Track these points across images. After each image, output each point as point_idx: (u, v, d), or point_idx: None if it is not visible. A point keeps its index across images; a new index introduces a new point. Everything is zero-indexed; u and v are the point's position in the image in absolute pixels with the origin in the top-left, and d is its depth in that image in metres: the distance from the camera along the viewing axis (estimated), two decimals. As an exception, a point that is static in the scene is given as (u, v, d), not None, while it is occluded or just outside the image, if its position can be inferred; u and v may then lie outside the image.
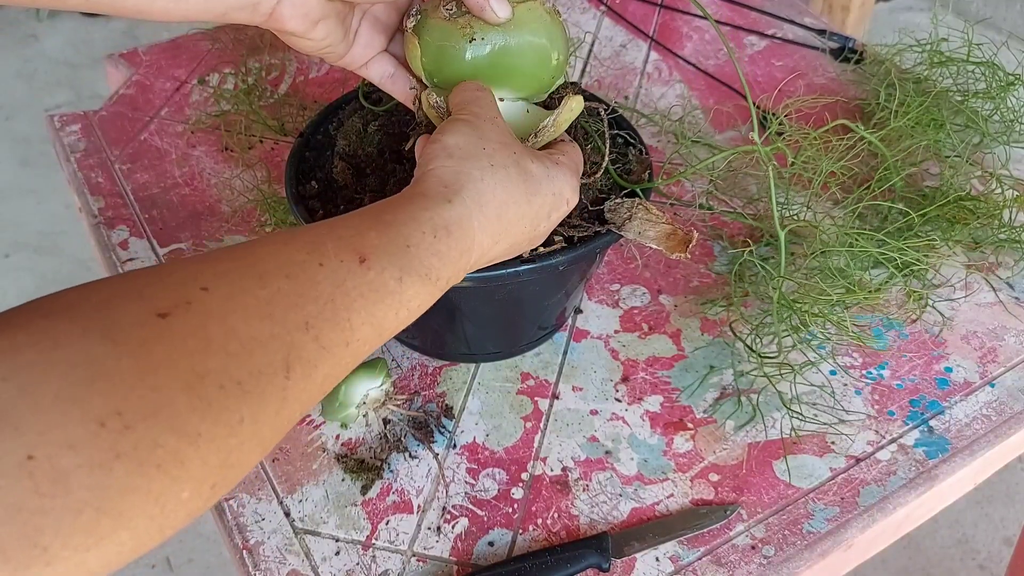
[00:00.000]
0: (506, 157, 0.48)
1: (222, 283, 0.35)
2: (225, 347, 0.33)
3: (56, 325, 0.30)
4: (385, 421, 0.65)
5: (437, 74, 0.55)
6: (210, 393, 0.32)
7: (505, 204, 0.47)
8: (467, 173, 0.46)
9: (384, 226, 0.42)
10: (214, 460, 0.32)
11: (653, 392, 0.68)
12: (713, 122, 0.92)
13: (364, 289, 0.39)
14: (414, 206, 0.44)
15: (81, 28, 2.61)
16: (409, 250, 0.41)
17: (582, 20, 1.07)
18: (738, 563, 0.58)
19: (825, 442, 0.65)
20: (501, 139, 0.49)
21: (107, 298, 0.32)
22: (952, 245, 0.79)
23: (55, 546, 0.28)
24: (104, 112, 0.93)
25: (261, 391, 0.34)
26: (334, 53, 0.56)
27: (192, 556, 1.45)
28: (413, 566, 0.58)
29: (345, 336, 0.38)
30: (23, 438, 0.28)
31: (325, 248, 0.38)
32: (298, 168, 0.66)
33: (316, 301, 0.37)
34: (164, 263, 0.38)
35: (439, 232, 0.43)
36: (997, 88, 0.82)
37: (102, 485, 0.29)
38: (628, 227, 0.60)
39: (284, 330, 0.35)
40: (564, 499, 0.62)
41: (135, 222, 0.81)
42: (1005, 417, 0.67)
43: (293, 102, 0.93)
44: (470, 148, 0.47)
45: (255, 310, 0.35)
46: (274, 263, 0.37)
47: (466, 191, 0.45)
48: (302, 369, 0.35)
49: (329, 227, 0.41)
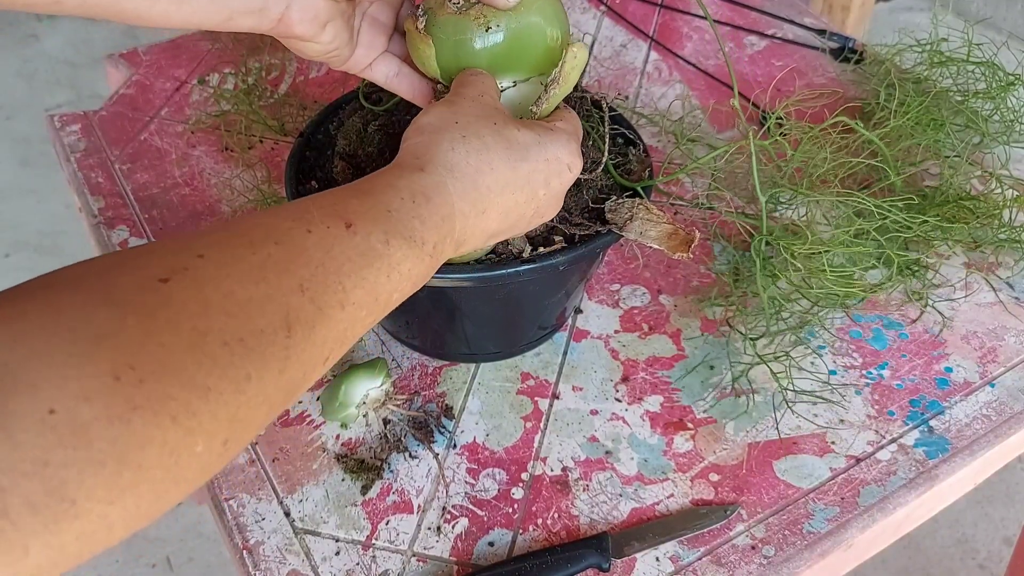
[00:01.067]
0: (481, 127, 0.49)
1: (215, 251, 0.36)
2: (225, 308, 0.34)
3: (59, 294, 0.31)
4: (385, 421, 0.65)
5: (454, 68, 0.55)
6: (215, 350, 0.33)
7: (480, 171, 0.48)
8: (436, 144, 0.48)
9: (364, 195, 0.43)
10: (223, 414, 0.33)
11: (653, 392, 0.68)
12: (713, 122, 0.92)
13: (352, 253, 0.40)
14: (390, 175, 0.46)
15: (81, 28, 2.61)
16: (391, 214, 0.43)
17: (582, 20, 1.07)
18: (738, 563, 0.58)
19: (825, 442, 0.65)
20: (479, 112, 0.50)
21: (107, 267, 0.33)
22: (952, 245, 0.79)
23: (81, 498, 0.28)
24: (104, 112, 0.93)
25: (263, 349, 0.35)
26: (339, 56, 0.56)
27: (192, 556, 1.45)
28: (413, 566, 0.58)
29: (339, 298, 0.39)
30: (42, 393, 0.28)
31: (311, 216, 0.40)
32: (298, 168, 0.66)
33: (307, 265, 0.38)
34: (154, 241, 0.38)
35: (417, 197, 0.44)
36: (997, 88, 0.82)
37: (122, 437, 0.29)
38: (629, 227, 0.60)
39: (279, 292, 0.36)
40: (564, 499, 0.62)
41: (135, 222, 0.81)
42: (1005, 417, 0.67)
43: (293, 102, 0.93)
44: (441, 123, 0.49)
45: (249, 274, 0.36)
46: (263, 232, 0.38)
47: (437, 160, 0.47)
48: (302, 330, 0.36)
49: (312, 199, 0.42)
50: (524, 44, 0.55)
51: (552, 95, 0.55)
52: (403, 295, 0.44)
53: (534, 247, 0.59)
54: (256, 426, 0.35)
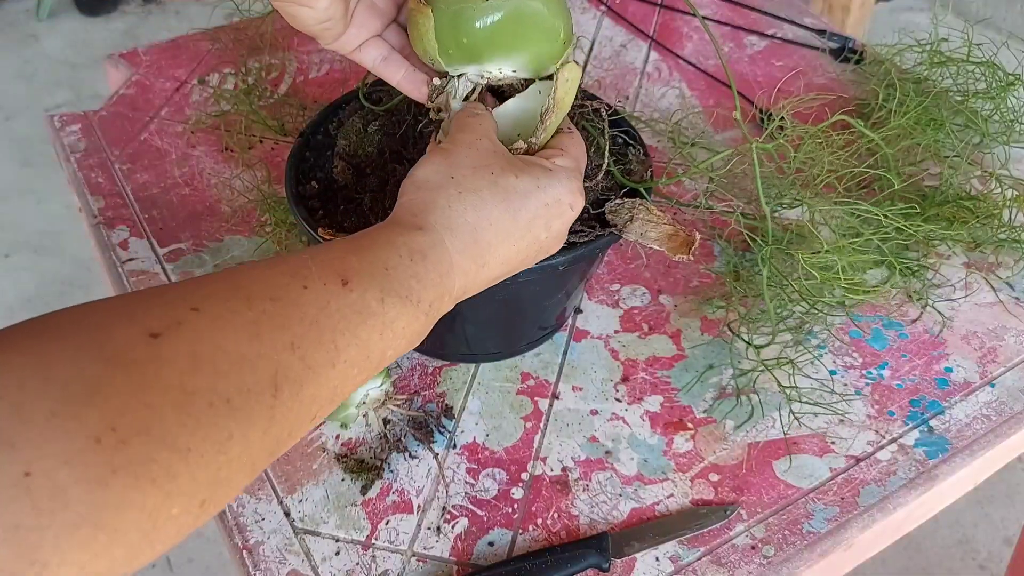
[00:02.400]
0: (478, 180, 0.49)
1: (211, 304, 0.35)
2: (214, 366, 0.34)
3: (48, 345, 0.31)
4: (385, 421, 0.65)
5: (452, 44, 0.55)
6: (200, 410, 0.32)
7: (478, 227, 0.48)
8: (433, 202, 0.47)
9: (363, 251, 0.43)
10: (203, 476, 0.32)
11: (653, 392, 0.68)
12: (712, 123, 0.92)
13: (347, 311, 0.40)
14: (389, 232, 0.45)
15: (81, 28, 2.61)
16: (388, 272, 0.42)
17: (582, 20, 1.07)
18: (738, 563, 0.58)
19: (825, 442, 0.65)
20: (476, 163, 0.49)
21: (100, 320, 0.33)
22: (952, 245, 0.79)
23: (53, 562, 0.28)
24: (104, 112, 0.93)
25: (249, 409, 0.34)
26: (331, 32, 0.56)
27: (192, 556, 1.46)
28: (413, 566, 0.58)
29: (331, 356, 0.39)
30: (19, 454, 0.28)
31: (308, 272, 0.40)
32: (298, 168, 0.66)
33: (301, 322, 0.38)
34: (155, 286, 0.38)
35: (415, 256, 0.44)
36: (997, 88, 0.82)
37: (100, 500, 0.29)
38: (630, 228, 0.60)
39: (271, 350, 0.36)
40: (564, 499, 0.62)
41: (135, 222, 0.81)
42: (1005, 417, 0.67)
43: (293, 102, 0.93)
44: (438, 179, 0.48)
45: (243, 330, 0.35)
46: (260, 286, 0.38)
47: (433, 218, 0.47)
48: (289, 389, 0.36)
49: (311, 254, 0.42)
50: (524, 26, 0.54)
51: (548, 124, 0.55)
52: (397, 353, 0.43)
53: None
54: (237, 486, 0.35)
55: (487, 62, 0.56)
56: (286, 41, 1.01)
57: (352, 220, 0.62)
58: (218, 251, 0.78)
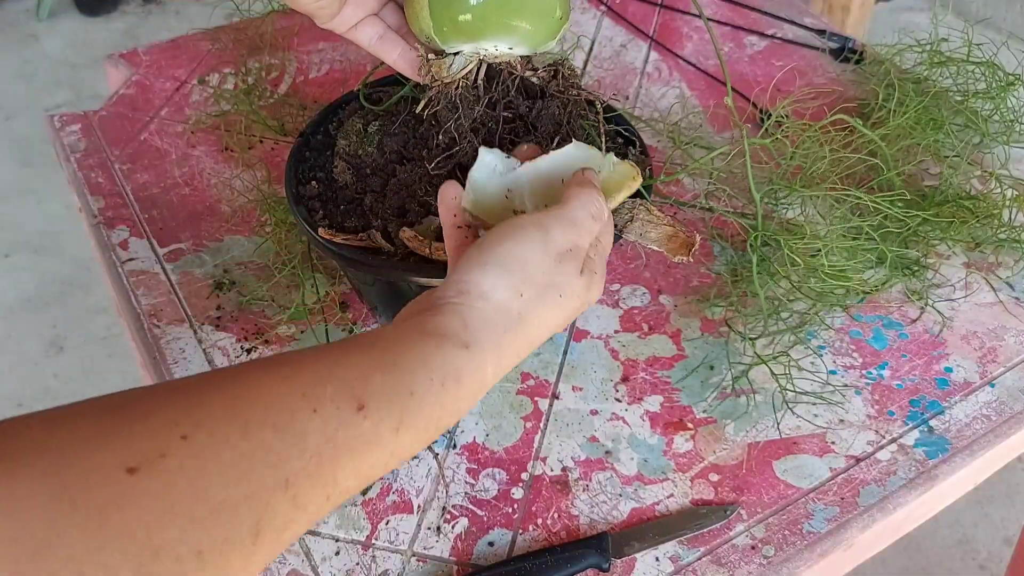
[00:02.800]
0: (545, 307, 0.45)
1: (202, 433, 0.32)
2: (191, 512, 0.30)
3: (16, 472, 0.28)
4: (385, 421, 0.65)
5: (447, 22, 0.55)
6: (164, 568, 0.29)
7: (521, 355, 0.45)
8: (493, 323, 0.43)
9: (390, 367, 0.38)
10: None
11: (653, 392, 0.68)
12: (712, 123, 0.92)
13: (356, 441, 0.36)
14: (427, 346, 0.40)
15: (81, 28, 2.61)
16: (412, 398, 0.38)
17: (582, 20, 1.07)
18: (738, 563, 0.58)
19: (825, 442, 0.65)
20: (546, 281, 0.45)
21: (75, 441, 0.29)
22: (952, 245, 0.79)
23: None
24: (104, 112, 0.93)
25: (224, 559, 0.31)
26: (327, 10, 0.55)
27: (192, 556, 1.45)
28: (413, 566, 0.58)
29: (327, 491, 0.35)
30: None
31: (324, 391, 0.36)
32: (298, 168, 0.66)
33: (301, 456, 0.34)
34: (149, 391, 0.33)
35: (448, 381, 0.40)
36: (997, 88, 0.82)
37: None
38: (630, 228, 0.60)
39: (260, 490, 0.32)
40: (564, 499, 0.62)
41: (135, 222, 0.81)
42: (1005, 417, 0.67)
43: (293, 102, 0.93)
44: (506, 296, 0.44)
45: (233, 467, 0.32)
46: (263, 408, 0.34)
47: (486, 341, 0.42)
48: (272, 533, 0.33)
49: (334, 362, 0.37)
50: (519, 3, 0.54)
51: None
52: (388, 469, 0.39)
53: None
54: None
55: (483, 40, 0.56)
56: (286, 41, 1.01)
57: (352, 220, 0.62)
58: (218, 251, 0.78)
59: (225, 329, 0.72)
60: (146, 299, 0.74)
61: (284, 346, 0.71)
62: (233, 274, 0.76)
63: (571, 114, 0.61)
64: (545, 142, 0.60)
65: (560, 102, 0.60)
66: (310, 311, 0.72)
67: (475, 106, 0.58)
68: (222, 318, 0.73)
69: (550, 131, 0.60)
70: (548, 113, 0.60)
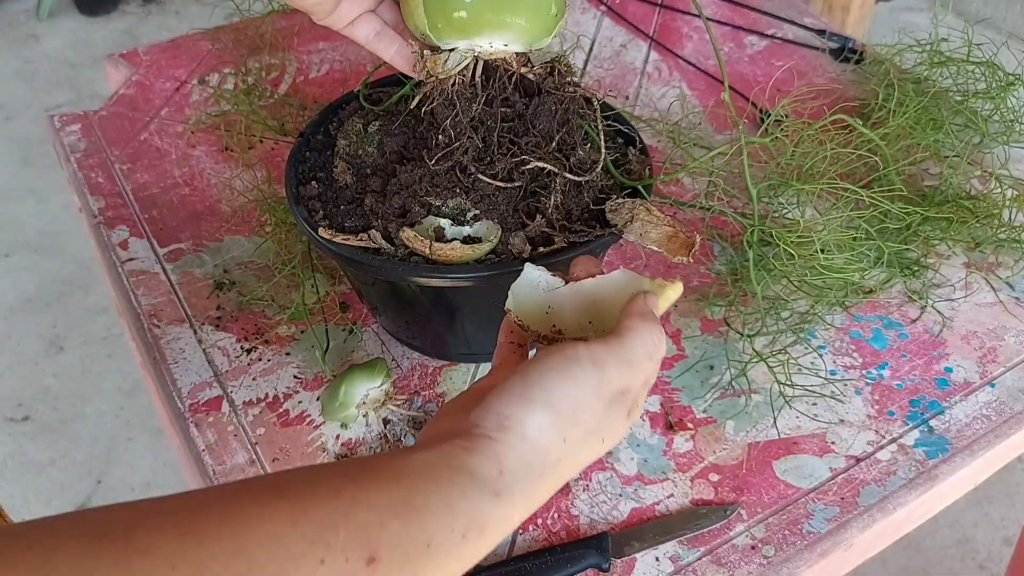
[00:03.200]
0: (586, 449, 0.42)
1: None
2: None
3: None
4: (385, 421, 0.65)
5: (441, 19, 0.55)
6: None
7: (552, 492, 0.41)
8: (529, 467, 0.39)
9: (411, 512, 0.35)
10: None
11: (653, 392, 0.68)
12: (712, 123, 0.92)
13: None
14: (453, 488, 0.37)
15: (81, 28, 2.61)
16: (429, 550, 0.35)
17: (582, 20, 1.07)
18: (738, 563, 0.58)
19: (825, 442, 0.65)
20: (590, 428, 0.42)
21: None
22: (952, 245, 0.79)
23: None
24: (104, 112, 0.93)
25: None
26: (324, 7, 0.55)
27: (192, 556, 1.45)
28: (413, 566, 0.58)
29: None
30: None
31: (335, 538, 0.32)
32: (298, 168, 0.66)
33: None
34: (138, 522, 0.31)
35: (471, 532, 0.36)
36: (997, 88, 0.82)
37: None
38: (630, 228, 0.60)
39: None
40: (564, 499, 0.62)
41: (135, 222, 0.81)
42: (1005, 417, 0.67)
43: (293, 102, 0.93)
44: (550, 439, 0.40)
45: None
46: (264, 559, 0.31)
47: (519, 491, 0.39)
48: None
49: (352, 500, 0.34)
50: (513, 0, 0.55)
51: None
52: None
53: (534, 247, 0.59)
54: None
55: (477, 36, 0.56)
56: (286, 41, 1.01)
57: (352, 221, 0.62)
58: (218, 251, 0.78)
59: (225, 329, 0.72)
60: (146, 299, 0.74)
61: (284, 346, 0.71)
62: (233, 274, 0.76)
63: (568, 111, 0.61)
64: (544, 141, 0.60)
65: (556, 99, 0.60)
66: (310, 311, 0.72)
67: (473, 103, 0.58)
68: (222, 318, 0.73)
69: (548, 129, 0.60)
70: (545, 109, 0.60)
